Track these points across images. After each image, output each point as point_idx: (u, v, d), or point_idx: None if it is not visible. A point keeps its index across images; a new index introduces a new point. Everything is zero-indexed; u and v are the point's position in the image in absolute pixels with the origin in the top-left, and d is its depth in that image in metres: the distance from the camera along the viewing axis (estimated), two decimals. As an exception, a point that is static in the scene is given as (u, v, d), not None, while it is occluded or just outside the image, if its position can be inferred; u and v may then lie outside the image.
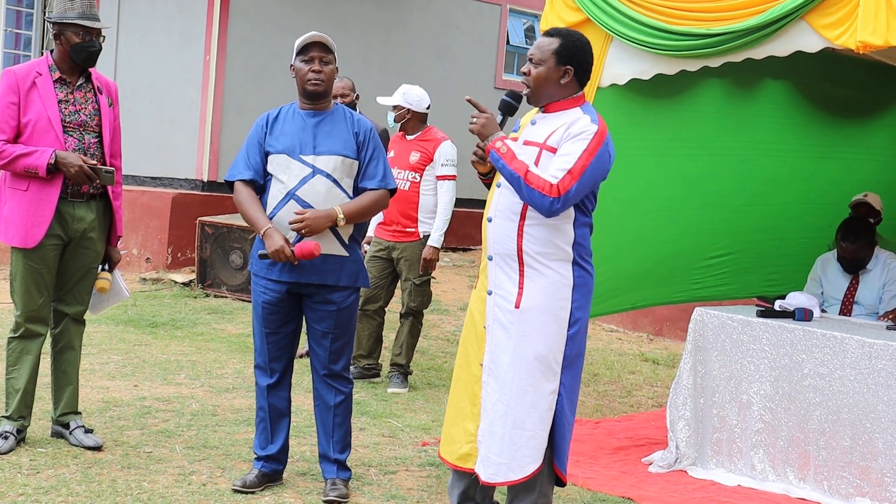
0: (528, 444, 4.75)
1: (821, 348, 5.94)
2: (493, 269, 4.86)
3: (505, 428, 4.76)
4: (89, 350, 8.23)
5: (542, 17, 6.74)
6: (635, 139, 6.94)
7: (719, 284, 8.01)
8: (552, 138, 4.74)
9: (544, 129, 4.81)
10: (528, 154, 4.76)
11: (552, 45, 4.83)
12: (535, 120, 4.92)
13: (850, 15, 5.42)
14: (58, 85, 5.79)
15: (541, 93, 4.86)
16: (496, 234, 4.82)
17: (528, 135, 4.87)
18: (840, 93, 8.14)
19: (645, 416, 7.82)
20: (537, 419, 4.76)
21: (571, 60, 4.83)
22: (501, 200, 4.83)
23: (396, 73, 13.65)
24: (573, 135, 4.69)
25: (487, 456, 4.82)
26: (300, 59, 5.43)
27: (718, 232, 7.88)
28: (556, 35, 4.88)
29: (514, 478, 4.77)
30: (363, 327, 8.08)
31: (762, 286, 8.33)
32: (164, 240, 12.35)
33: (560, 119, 4.81)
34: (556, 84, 4.83)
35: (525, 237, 4.74)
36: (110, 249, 6.05)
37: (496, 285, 4.85)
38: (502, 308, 4.81)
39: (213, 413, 6.84)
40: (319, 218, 5.25)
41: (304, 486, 5.57)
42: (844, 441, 5.84)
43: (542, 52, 4.83)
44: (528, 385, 4.74)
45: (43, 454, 5.71)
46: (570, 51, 4.84)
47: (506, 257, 4.80)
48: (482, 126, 4.81)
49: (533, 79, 4.84)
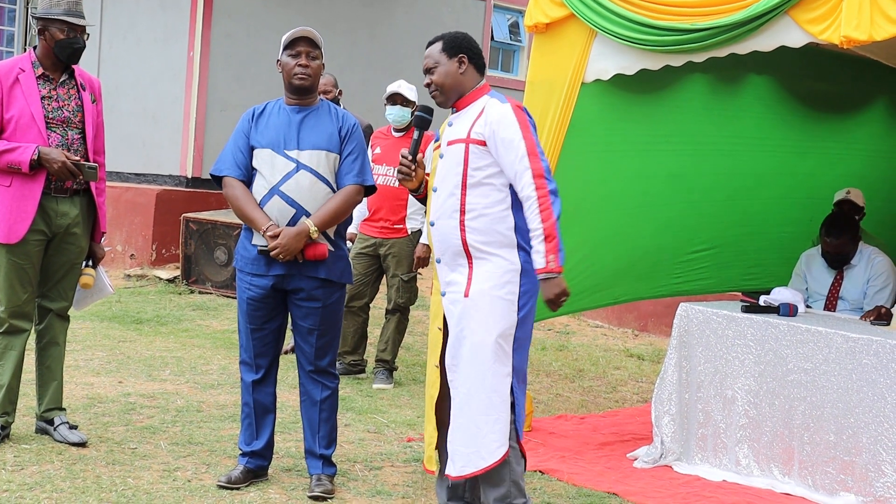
0: (493, 428, 4.78)
1: (805, 343, 5.96)
2: (442, 270, 4.97)
3: (470, 416, 4.79)
4: (74, 346, 8.22)
5: (526, 13, 6.74)
6: (619, 134, 6.96)
7: (700, 279, 8.03)
8: (474, 130, 4.85)
9: (463, 125, 4.93)
10: (456, 152, 4.89)
11: (437, 45, 5.02)
12: (450, 122, 5.04)
13: (834, 10, 5.43)
14: (41, 81, 5.77)
15: (449, 92, 5.00)
16: (441, 235, 4.92)
17: (449, 135, 4.99)
18: (823, 88, 8.17)
19: (630, 412, 7.83)
20: (499, 403, 4.79)
21: (460, 49, 5.00)
22: (439, 203, 4.93)
23: (381, 70, 13.65)
24: (495, 121, 4.81)
25: (456, 450, 4.83)
26: (287, 53, 5.43)
27: (700, 227, 7.91)
28: (437, 38, 5.05)
29: (483, 465, 4.76)
30: (348, 324, 8.07)
31: (742, 280, 8.38)
32: (149, 236, 12.32)
33: (472, 111, 4.94)
34: (457, 76, 4.98)
35: (468, 231, 4.83)
36: (94, 245, 6.03)
37: (447, 283, 4.94)
38: (454, 301, 4.88)
39: (197, 409, 6.83)
40: (291, 239, 5.25)
41: (290, 482, 5.57)
42: (829, 436, 5.85)
43: (432, 57, 5.01)
44: (487, 369, 4.78)
45: (27, 450, 5.70)
46: (455, 42, 5.02)
47: (454, 255, 4.89)
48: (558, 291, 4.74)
49: (436, 83, 4.99)
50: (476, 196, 4.83)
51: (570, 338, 10.78)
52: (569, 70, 6.49)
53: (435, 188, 4.98)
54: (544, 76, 6.62)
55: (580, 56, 6.47)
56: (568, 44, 6.52)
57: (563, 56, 6.54)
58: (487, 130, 4.81)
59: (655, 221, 7.57)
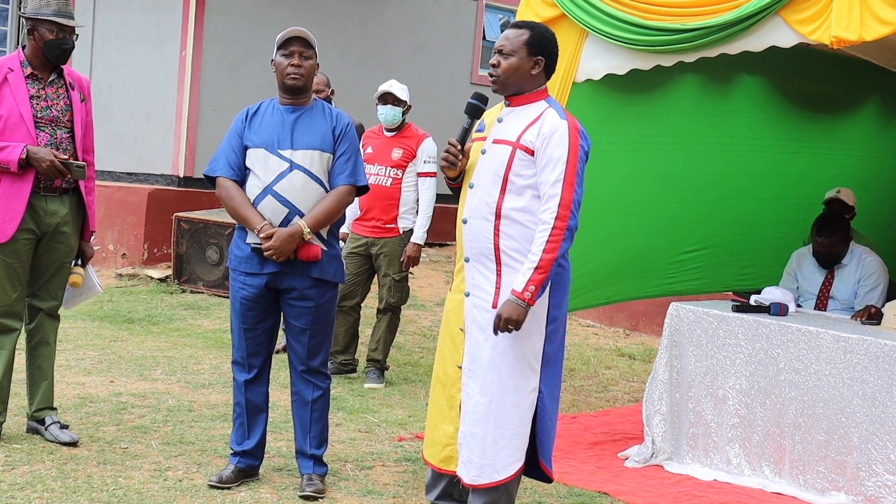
0: (511, 443, 4.74)
1: (796, 343, 5.97)
2: (469, 271, 4.86)
3: (486, 429, 4.75)
4: (65, 346, 8.21)
5: (517, 13, 6.74)
6: (611, 134, 6.95)
7: (692, 279, 8.02)
8: (525, 137, 4.73)
9: (514, 126, 4.81)
10: (501, 154, 4.77)
11: (522, 35, 4.85)
12: (500, 117, 4.91)
13: (824, 10, 5.44)
14: (29, 81, 5.77)
15: (510, 84, 4.86)
16: (472, 235, 4.81)
17: (497, 133, 4.86)
18: (814, 88, 8.18)
19: (621, 411, 7.83)
20: (518, 418, 4.75)
21: (542, 51, 4.86)
22: (475, 201, 4.82)
23: (373, 69, 13.64)
24: (547, 135, 4.69)
25: (469, 458, 4.80)
26: (280, 53, 5.42)
27: (693, 227, 7.89)
28: (525, 27, 4.90)
29: (497, 478, 4.75)
30: (339, 323, 8.06)
31: (734, 280, 8.38)
32: (140, 235, 12.30)
33: (527, 113, 4.82)
34: (527, 75, 4.85)
35: (501, 236, 4.73)
36: (83, 244, 6.03)
37: (473, 286, 4.84)
38: (480, 309, 4.80)
39: (189, 409, 6.82)
40: (285, 240, 5.25)
41: (281, 482, 5.56)
42: (820, 435, 5.86)
43: (512, 44, 4.84)
44: (509, 384, 4.72)
45: (18, 450, 5.69)
46: (541, 42, 4.87)
47: (482, 258, 4.79)
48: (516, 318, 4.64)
49: (503, 70, 4.84)
50: (514, 202, 4.73)
51: (561, 337, 10.77)
52: (560, 70, 6.49)
53: (472, 184, 4.87)
54: (535, 76, 6.62)
55: (571, 56, 6.47)
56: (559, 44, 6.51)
57: (554, 56, 6.54)
58: (539, 142, 4.70)
59: (648, 221, 7.56)
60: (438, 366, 5.07)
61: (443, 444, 4.99)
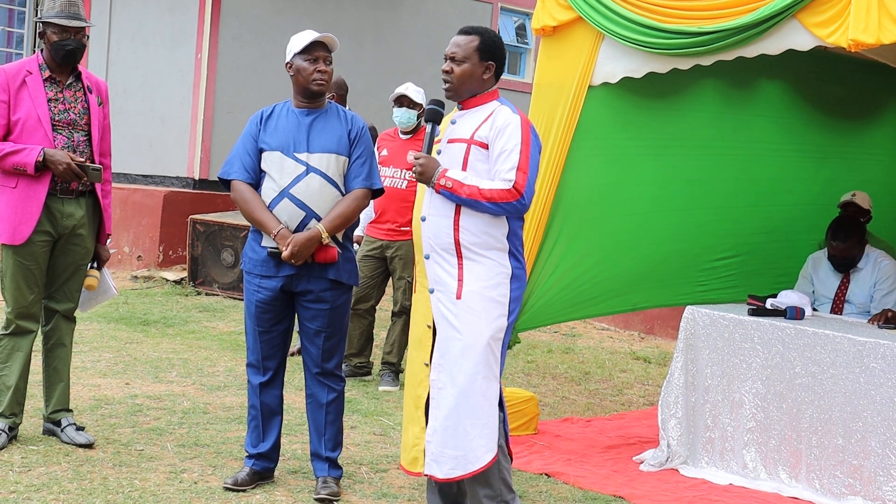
0: (482, 433, 4.78)
1: (812, 347, 5.94)
2: (431, 267, 4.93)
3: (458, 419, 4.78)
4: (81, 348, 8.22)
5: (533, 16, 6.74)
6: (629, 138, 6.90)
7: (727, 287, 7.76)
8: (479, 133, 4.86)
9: (467, 126, 4.93)
10: (456, 151, 4.89)
11: (473, 42, 4.98)
12: (454, 119, 5.03)
13: (842, 13, 5.42)
14: (48, 83, 5.78)
15: (463, 90, 4.99)
16: (432, 232, 4.90)
17: (452, 133, 4.98)
18: (835, 92, 8.09)
19: (636, 415, 7.81)
20: (487, 407, 4.80)
21: (493, 56, 5.00)
22: (434, 199, 4.90)
23: (388, 72, 13.66)
24: (500, 128, 4.82)
25: (442, 452, 4.82)
26: (303, 57, 5.40)
27: (725, 233, 7.71)
28: (475, 33, 5.03)
29: (472, 469, 4.77)
30: (354, 326, 8.06)
31: (771, 289, 8.18)
32: (156, 238, 12.34)
33: (480, 113, 4.94)
34: (479, 80, 4.99)
35: (461, 230, 4.82)
36: (99, 247, 6.04)
37: (436, 282, 4.90)
38: (445, 302, 4.86)
39: (204, 411, 6.83)
40: (303, 244, 5.25)
41: (296, 485, 5.57)
42: (836, 440, 5.84)
43: (464, 50, 4.97)
44: (477, 372, 4.78)
45: (34, 452, 5.70)
46: (491, 47, 5.00)
47: (443, 252, 4.87)
48: (424, 169, 4.86)
49: (457, 76, 4.97)
50: None
51: (576, 340, 10.77)
52: (576, 73, 6.50)
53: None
54: (551, 79, 6.62)
55: (587, 59, 6.47)
56: (575, 47, 6.52)
57: (570, 59, 6.54)
58: (493, 134, 4.82)
59: (674, 227, 7.41)
60: (408, 368, 5.15)
61: (410, 446, 5.06)
